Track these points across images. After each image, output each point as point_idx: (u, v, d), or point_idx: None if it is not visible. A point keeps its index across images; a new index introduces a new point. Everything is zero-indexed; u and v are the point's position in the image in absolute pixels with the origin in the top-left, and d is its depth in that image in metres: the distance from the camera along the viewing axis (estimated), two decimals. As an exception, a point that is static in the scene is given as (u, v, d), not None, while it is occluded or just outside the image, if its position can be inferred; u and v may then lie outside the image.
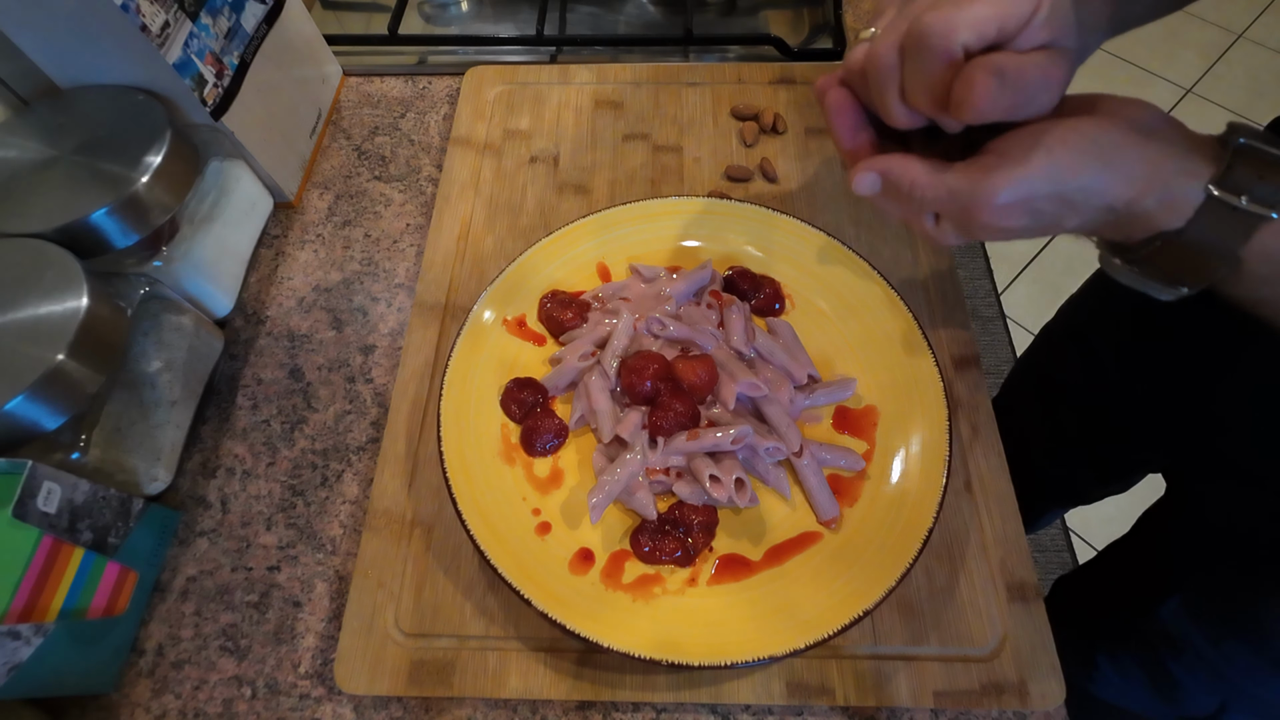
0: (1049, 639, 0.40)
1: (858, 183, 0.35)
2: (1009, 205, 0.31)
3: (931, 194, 0.33)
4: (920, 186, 0.33)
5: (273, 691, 0.41)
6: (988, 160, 0.32)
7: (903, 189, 0.34)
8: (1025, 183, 0.30)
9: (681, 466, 0.43)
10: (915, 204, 0.34)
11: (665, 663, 0.36)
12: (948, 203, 0.33)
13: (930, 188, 0.33)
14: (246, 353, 0.52)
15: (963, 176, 0.32)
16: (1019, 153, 0.31)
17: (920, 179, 0.33)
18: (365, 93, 0.65)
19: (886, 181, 0.35)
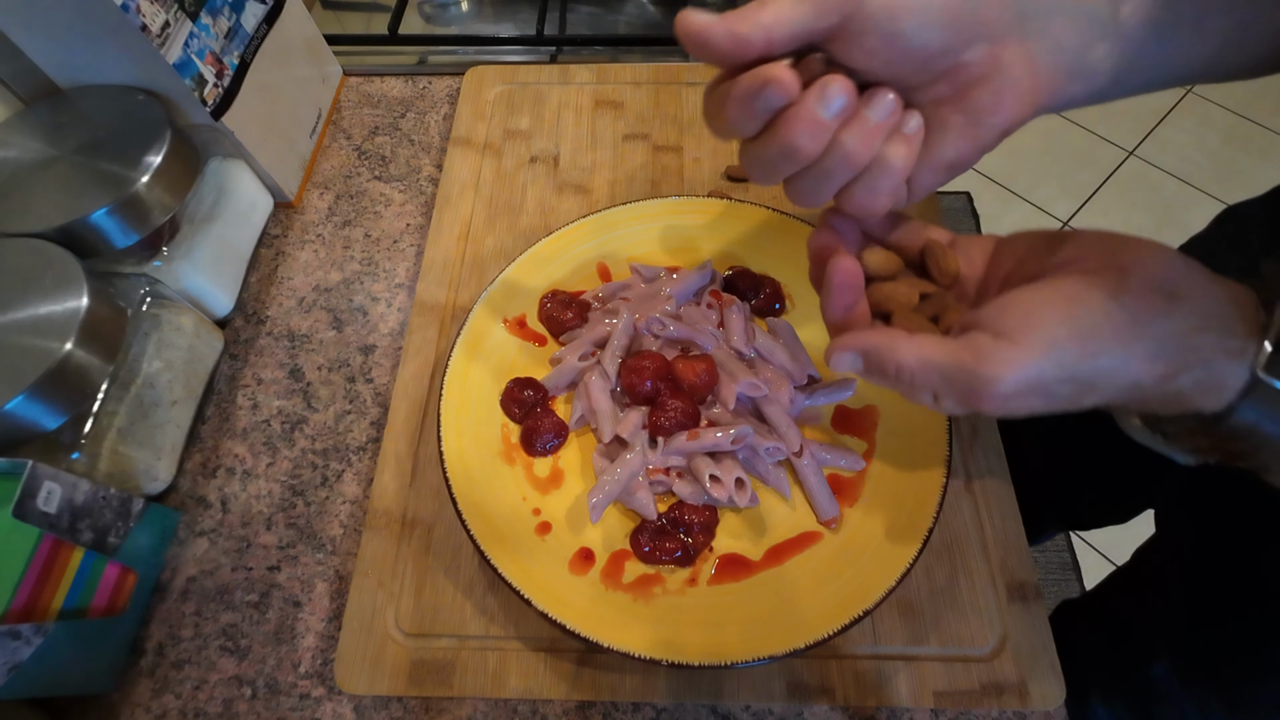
0: (1049, 639, 0.40)
1: (835, 361, 0.31)
2: (1015, 393, 0.27)
3: (923, 380, 0.28)
4: (908, 371, 0.28)
5: (273, 691, 0.41)
6: (981, 342, 0.27)
7: (889, 370, 0.29)
8: (1030, 369, 0.26)
9: (681, 466, 0.43)
10: (905, 387, 0.29)
11: (665, 663, 0.36)
12: (943, 388, 0.28)
13: (920, 373, 0.28)
14: (246, 353, 0.52)
15: (955, 360, 0.27)
16: (1018, 332, 0.27)
17: (907, 362, 0.28)
18: (365, 93, 0.65)
19: (869, 361, 0.30)
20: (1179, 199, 1.67)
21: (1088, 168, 1.73)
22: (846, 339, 0.31)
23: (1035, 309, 0.27)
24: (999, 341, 0.27)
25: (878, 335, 0.30)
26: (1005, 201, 1.69)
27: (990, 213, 1.67)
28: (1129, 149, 1.76)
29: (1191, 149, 1.74)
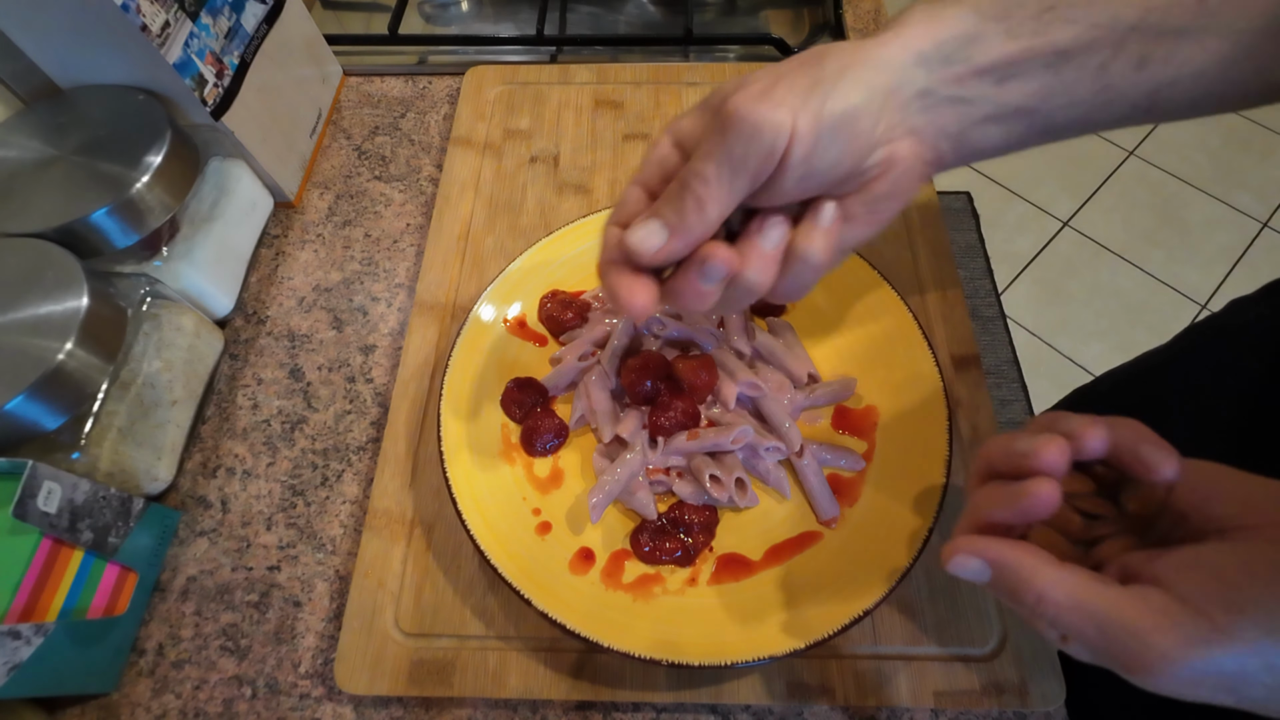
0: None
1: (957, 564, 0.27)
2: (1194, 680, 0.22)
3: (1070, 620, 0.24)
4: (1052, 606, 0.24)
5: (273, 691, 0.41)
6: (1162, 604, 0.22)
7: (1024, 598, 0.25)
8: (1226, 659, 0.21)
9: (681, 466, 0.43)
10: (1038, 618, 0.25)
11: (665, 663, 0.36)
12: (1095, 640, 0.24)
13: (1068, 616, 0.24)
14: (247, 352, 0.52)
15: (1122, 617, 0.23)
16: (1216, 607, 0.22)
17: (1054, 597, 0.24)
18: (365, 92, 0.65)
19: (1001, 578, 0.25)
20: (1179, 199, 1.67)
21: (1088, 168, 1.73)
22: (978, 543, 0.26)
23: (1243, 584, 0.22)
24: (1187, 612, 0.22)
25: (1019, 551, 0.25)
26: (1005, 201, 1.69)
27: (990, 213, 1.67)
28: (1129, 149, 1.76)
29: (1191, 149, 1.74)
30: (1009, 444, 0.27)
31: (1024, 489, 0.26)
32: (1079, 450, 0.26)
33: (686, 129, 0.30)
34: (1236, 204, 1.65)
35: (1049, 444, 0.26)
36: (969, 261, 1.59)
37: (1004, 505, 0.26)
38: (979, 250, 1.61)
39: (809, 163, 0.27)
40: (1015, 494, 0.26)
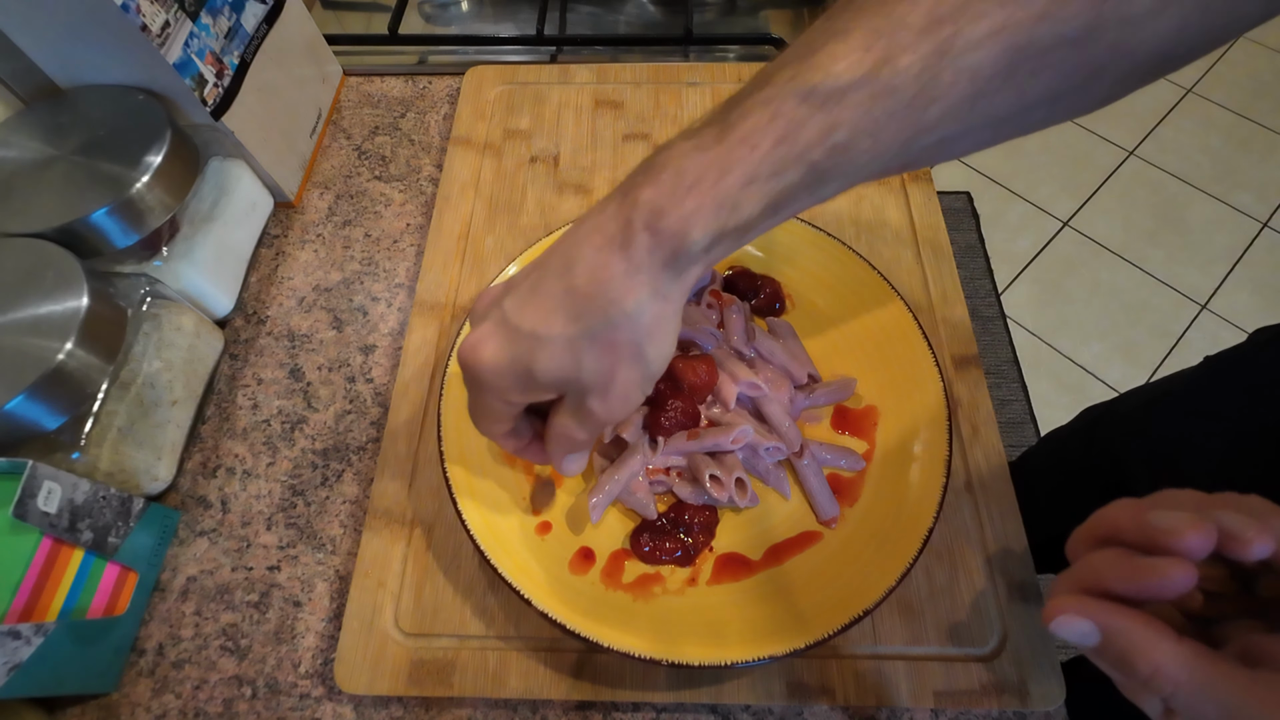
0: (1049, 639, 0.40)
1: (1062, 624, 0.24)
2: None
3: (1189, 698, 0.22)
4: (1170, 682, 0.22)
5: (273, 691, 0.41)
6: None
7: (1138, 669, 0.23)
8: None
9: (682, 466, 0.43)
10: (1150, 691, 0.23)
11: (665, 663, 0.36)
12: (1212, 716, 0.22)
13: (1189, 692, 0.22)
14: (247, 352, 0.52)
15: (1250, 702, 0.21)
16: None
17: (1172, 672, 0.22)
18: (365, 92, 0.65)
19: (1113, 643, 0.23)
20: (1179, 199, 1.67)
21: (1088, 168, 1.73)
22: (1089, 604, 0.24)
23: None
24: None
25: (1134, 619, 0.23)
26: (1005, 201, 1.69)
27: (990, 213, 1.67)
28: (1129, 149, 1.76)
29: (1191, 149, 1.74)
30: (1143, 513, 0.25)
31: (1156, 568, 0.23)
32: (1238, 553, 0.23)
33: None
34: (1236, 204, 1.65)
35: (1198, 529, 0.23)
36: (969, 261, 1.59)
37: (1127, 578, 0.24)
38: (979, 250, 1.61)
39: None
40: (1144, 570, 0.24)
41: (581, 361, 0.29)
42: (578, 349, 0.29)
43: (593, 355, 0.29)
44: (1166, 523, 0.24)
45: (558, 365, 0.29)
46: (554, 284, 0.29)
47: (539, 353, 0.29)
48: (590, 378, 0.30)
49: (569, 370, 0.29)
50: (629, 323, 0.28)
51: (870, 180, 0.29)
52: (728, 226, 0.27)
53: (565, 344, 0.29)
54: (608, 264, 0.28)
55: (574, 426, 0.32)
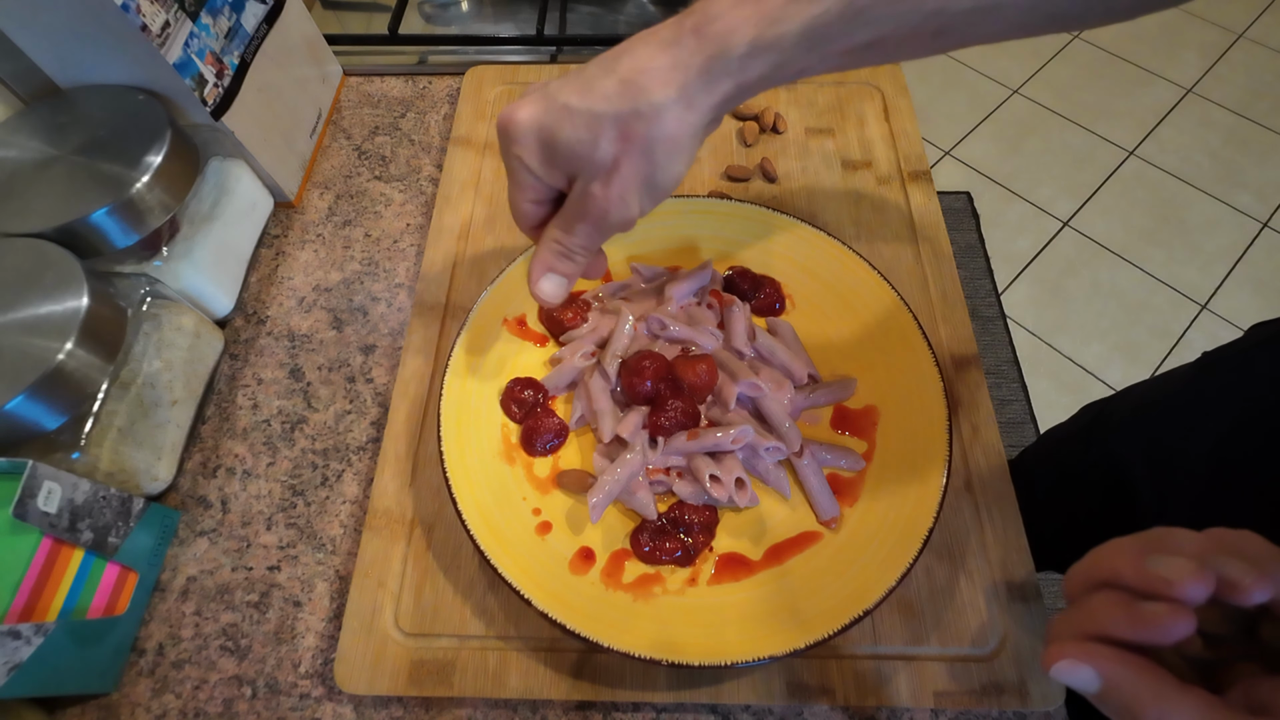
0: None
1: (1060, 668, 0.24)
2: None
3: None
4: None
5: (273, 691, 0.41)
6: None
7: (1141, 718, 0.22)
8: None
9: (682, 466, 0.43)
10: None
11: (665, 663, 0.36)
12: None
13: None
14: (247, 352, 0.52)
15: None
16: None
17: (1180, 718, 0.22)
18: (365, 92, 0.65)
19: (1115, 691, 0.23)
20: (1179, 199, 1.67)
21: (1088, 168, 1.73)
22: (1091, 650, 0.24)
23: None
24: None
25: (1138, 667, 0.23)
26: (1005, 201, 1.69)
27: (990, 213, 1.67)
28: (1129, 149, 1.76)
29: (1191, 149, 1.74)
30: (1141, 559, 0.24)
31: (1156, 616, 0.23)
32: (1237, 600, 0.23)
33: None
34: (1236, 204, 1.65)
35: (1197, 578, 0.23)
36: (969, 261, 1.59)
37: (1127, 625, 0.24)
38: (979, 250, 1.61)
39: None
40: (1144, 618, 0.23)
41: (599, 139, 0.32)
42: (599, 127, 0.32)
43: (609, 137, 0.32)
44: (1165, 570, 0.23)
45: (577, 137, 0.32)
46: (597, 70, 0.33)
47: (565, 121, 0.32)
48: (601, 159, 0.32)
49: (586, 145, 0.32)
50: (651, 116, 0.31)
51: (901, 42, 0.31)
52: (765, 38, 0.30)
53: (590, 118, 0.32)
54: (651, 57, 0.32)
55: (569, 223, 0.35)
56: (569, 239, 0.35)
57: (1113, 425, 0.62)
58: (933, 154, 1.78)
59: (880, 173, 0.57)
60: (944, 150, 1.79)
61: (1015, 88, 1.90)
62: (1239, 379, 0.51)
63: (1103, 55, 1.94)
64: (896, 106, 0.60)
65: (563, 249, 0.36)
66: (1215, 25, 1.98)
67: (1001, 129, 1.81)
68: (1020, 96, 1.88)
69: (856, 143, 0.59)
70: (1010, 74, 1.92)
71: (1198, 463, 0.50)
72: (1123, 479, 0.56)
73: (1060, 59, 1.94)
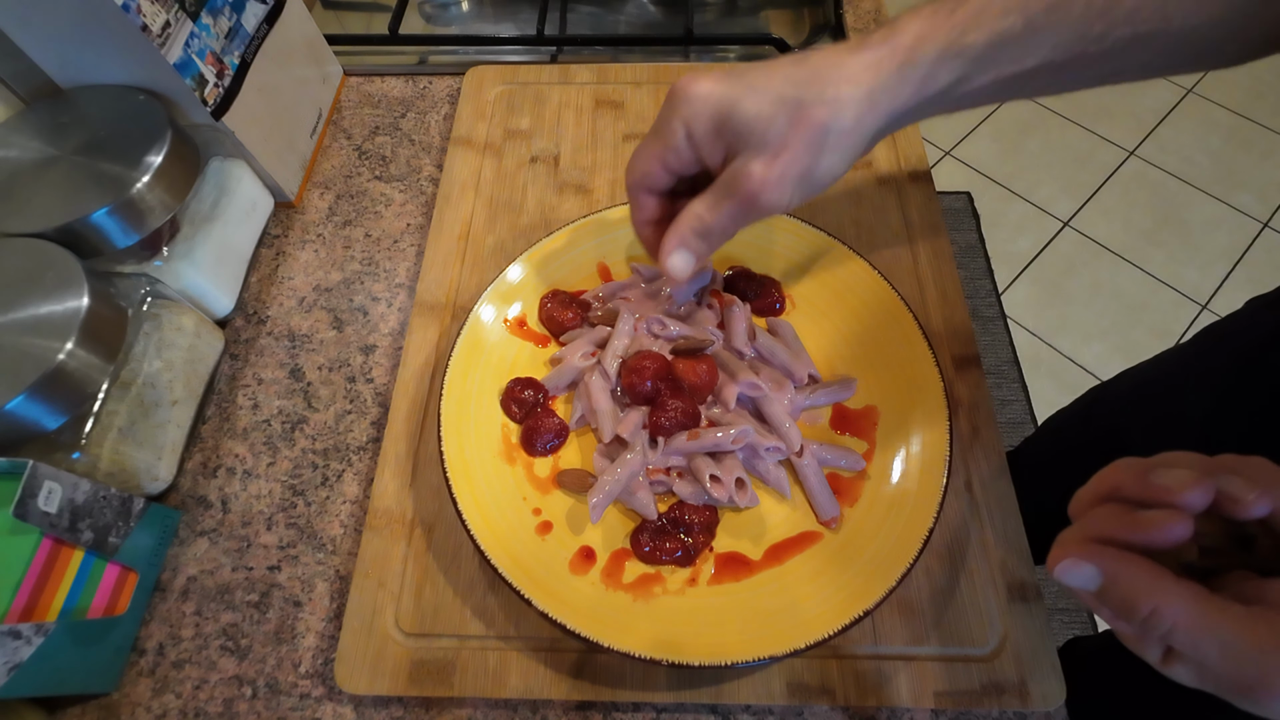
0: (1049, 639, 0.40)
1: (1066, 569, 0.25)
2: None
3: (1189, 637, 0.23)
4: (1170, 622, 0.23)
5: (273, 691, 0.41)
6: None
7: (1139, 609, 0.23)
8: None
9: (682, 466, 0.43)
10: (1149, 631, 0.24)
11: (665, 663, 0.36)
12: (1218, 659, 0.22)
13: (1191, 633, 0.22)
14: (247, 352, 0.52)
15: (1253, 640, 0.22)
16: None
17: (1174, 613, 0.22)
18: (366, 92, 0.65)
19: (1114, 587, 0.24)
20: (1179, 199, 1.67)
21: (1088, 168, 1.73)
22: (1091, 549, 0.24)
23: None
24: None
25: (1135, 561, 0.24)
26: (1005, 201, 1.69)
27: (990, 213, 1.67)
28: (1129, 149, 1.76)
29: (1191, 149, 1.74)
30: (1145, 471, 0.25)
31: (1154, 519, 0.24)
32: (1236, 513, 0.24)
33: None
34: (1237, 204, 1.65)
35: (1197, 486, 0.24)
36: (969, 261, 1.59)
37: (1125, 526, 0.25)
38: (979, 250, 1.61)
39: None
40: (1142, 521, 0.24)
41: (775, 118, 0.32)
42: (781, 108, 0.32)
43: (786, 118, 0.32)
44: (1167, 480, 0.24)
45: (757, 113, 0.33)
46: (788, 61, 0.34)
47: (748, 97, 0.33)
48: (772, 137, 0.33)
49: (763, 122, 0.33)
50: (834, 105, 0.32)
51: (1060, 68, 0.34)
52: (955, 45, 0.32)
53: (774, 99, 0.33)
54: (843, 56, 0.33)
55: (717, 201, 0.35)
56: (712, 216, 0.35)
57: (1112, 401, 0.62)
58: (933, 154, 1.78)
59: (880, 172, 0.57)
60: (944, 150, 1.79)
61: (1015, 88, 1.89)
62: (1236, 343, 0.52)
63: (1103, 55, 1.94)
64: (897, 106, 0.60)
65: (702, 227, 0.36)
66: (1215, 25, 1.97)
67: (1001, 129, 1.81)
68: (1020, 96, 1.87)
69: (857, 143, 0.59)
70: (1010, 74, 1.92)
71: (1195, 426, 0.51)
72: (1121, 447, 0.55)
73: (1060, 59, 1.94)
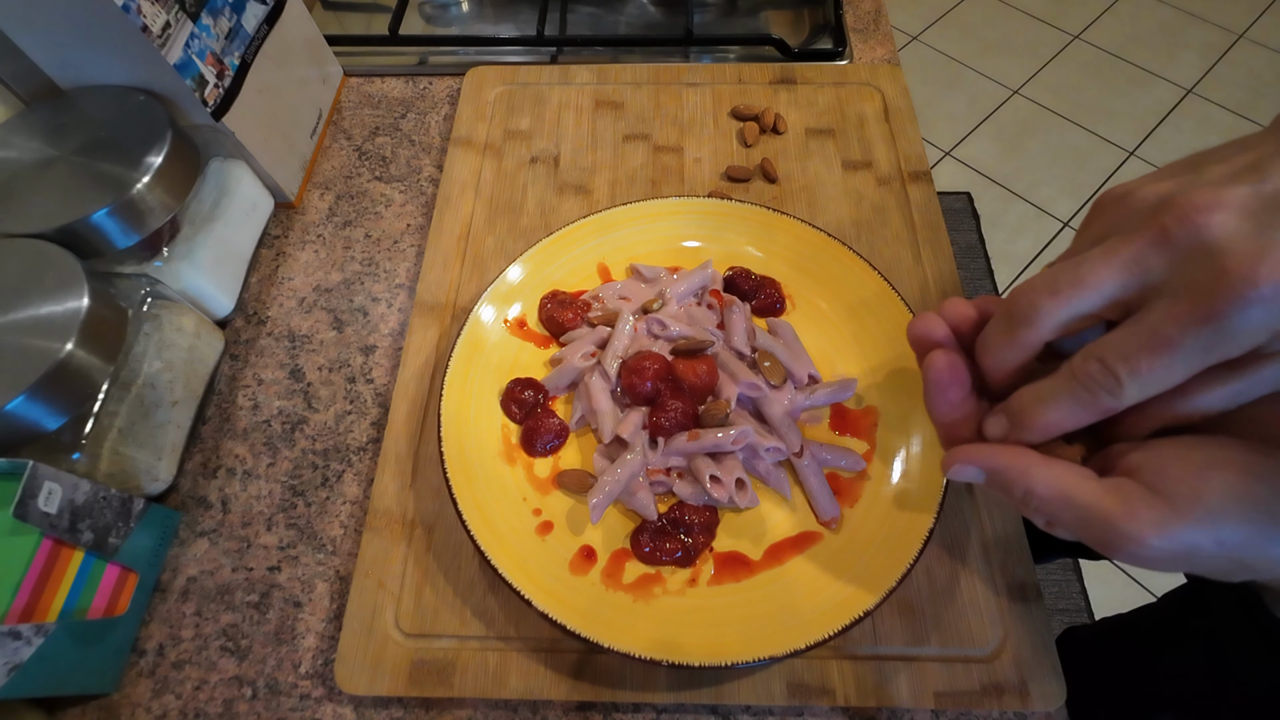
0: (1050, 639, 0.40)
1: (953, 473, 0.29)
2: (1157, 558, 0.25)
3: (1053, 509, 0.26)
4: (1039, 499, 0.27)
5: (273, 692, 0.41)
6: (1132, 492, 0.25)
7: (1015, 492, 0.27)
8: (1182, 538, 0.24)
9: (682, 467, 0.43)
10: (1026, 507, 0.27)
11: (665, 663, 0.36)
12: (1076, 527, 0.26)
13: (1053, 506, 0.26)
14: (247, 353, 0.52)
15: (1098, 506, 0.25)
16: (1178, 495, 0.24)
17: (1040, 490, 0.26)
18: (366, 93, 0.65)
19: (994, 479, 0.28)
20: (1179, 199, 1.67)
21: (1088, 168, 1.73)
22: (970, 451, 0.29)
23: (1206, 473, 0.24)
24: (1153, 499, 0.25)
25: (1007, 453, 0.28)
26: (1005, 201, 1.69)
27: (990, 213, 1.67)
28: (1129, 149, 1.76)
29: (1191, 149, 1.73)
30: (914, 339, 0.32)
31: (925, 374, 0.30)
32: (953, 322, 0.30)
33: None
34: (1237, 204, 1.65)
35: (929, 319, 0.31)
36: (969, 262, 1.59)
37: (930, 400, 0.30)
38: (979, 251, 1.61)
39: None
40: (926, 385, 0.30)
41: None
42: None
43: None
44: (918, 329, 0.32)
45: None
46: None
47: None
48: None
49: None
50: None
51: None
52: None
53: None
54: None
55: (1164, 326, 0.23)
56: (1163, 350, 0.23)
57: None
58: (933, 154, 1.78)
59: (880, 173, 0.57)
60: (944, 150, 1.79)
61: (1015, 88, 1.90)
62: None
63: (1103, 55, 1.94)
64: (896, 107, 0.60)
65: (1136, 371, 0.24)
66: (1215, 25, 1.98)
67: (1001, 129, 1.81)
68: (1020, 96, 1.88)
69: (856, 143, 0.59)
70: (1010, 74, 1.92)
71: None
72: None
73: (1060, 59, 1.94)
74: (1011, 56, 1.96)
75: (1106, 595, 1.22)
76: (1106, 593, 1.23)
